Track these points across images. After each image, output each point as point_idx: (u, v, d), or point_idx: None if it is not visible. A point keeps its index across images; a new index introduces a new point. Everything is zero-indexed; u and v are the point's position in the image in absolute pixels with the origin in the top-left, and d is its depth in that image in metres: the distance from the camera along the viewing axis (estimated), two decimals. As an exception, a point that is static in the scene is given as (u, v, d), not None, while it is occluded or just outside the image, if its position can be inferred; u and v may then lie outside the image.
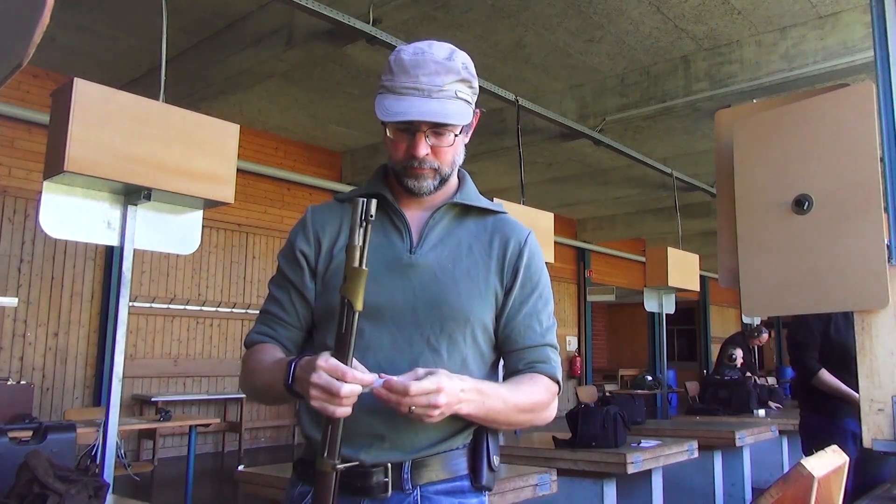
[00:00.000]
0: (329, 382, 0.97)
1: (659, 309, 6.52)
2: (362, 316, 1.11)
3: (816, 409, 3.20)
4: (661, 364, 8.68)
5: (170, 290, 7.64)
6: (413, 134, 1.15)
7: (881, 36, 1.95)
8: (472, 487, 1.18)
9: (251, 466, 2.91)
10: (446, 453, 1.16)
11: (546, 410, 1.21)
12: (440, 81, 1.13)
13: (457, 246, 1.21)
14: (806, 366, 3.20)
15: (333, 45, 5.17)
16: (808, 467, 1.20)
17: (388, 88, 1.14)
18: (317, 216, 1.26)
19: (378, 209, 1.22)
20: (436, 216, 1.22)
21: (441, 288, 1.17)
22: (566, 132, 6.87)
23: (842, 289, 1.86)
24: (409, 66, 1.13)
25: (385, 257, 1.18)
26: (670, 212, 8.96)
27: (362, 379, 0.99)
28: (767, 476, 5.16)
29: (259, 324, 1.26)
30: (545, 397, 1.20)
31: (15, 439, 2.00)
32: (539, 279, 1.25)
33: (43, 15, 0.66)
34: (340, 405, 0.98)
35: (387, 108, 1.13)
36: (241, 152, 2.78)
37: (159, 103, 2.52)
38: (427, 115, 1.12)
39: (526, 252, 1.24)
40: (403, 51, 1.16)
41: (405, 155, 1.17)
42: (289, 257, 1.25)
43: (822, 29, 5.27)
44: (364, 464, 1.11)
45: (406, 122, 1.14)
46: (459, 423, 1.15)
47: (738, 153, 2.13)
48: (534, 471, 2.88)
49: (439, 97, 1.13)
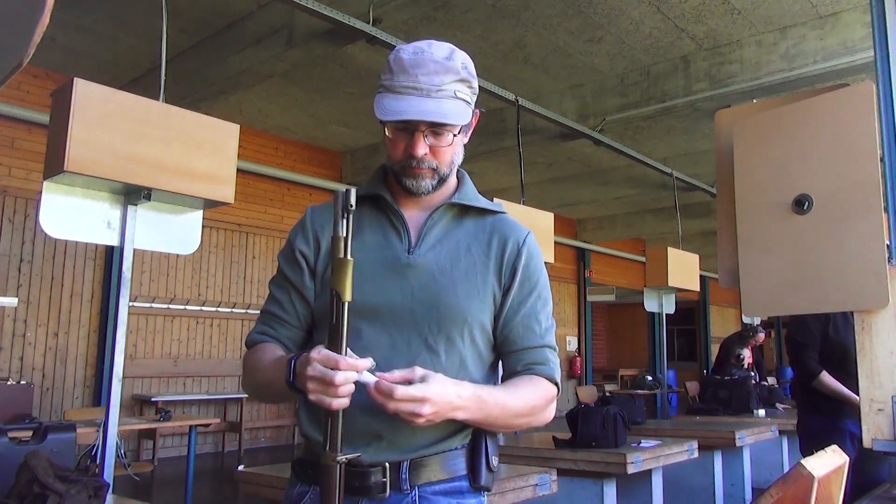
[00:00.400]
0: (323, 372, 0.98)
1: (659, 309, 6.52)
2: (360, 316, 1.13)
3: (816, 409, 3.19)
4: (661, 364, 8.68)
5: (170, 290, 7.64)
6: (412, 133, 1.15)
7: (881, 36, 1.95)
8: (470, 488, 1.18)
9: (251, 466, 2.91)
10: (445, 453, 1.16)
11: (544, 412, 1.22)
12: (439, 81, 1.12)
13: (455, 246, 1.21)
14: (806, 367, 3.19)
15: (333, 45, 5.17)
16: (808, 467, 1.20)
17: (387, 87, 1.14)
18: (316, 216, 1.26)
19: (376, 209, 1.23)
20: (434, 216, 1.22)
21: (439, 288, 1.16)
22: (566, 132, 6.87)
23: (842, 289, 1.86)
24: (408, 65, 1.13)
25: (383, 257, 1.18)
26: (670, 212, 8.96)
27: (355, 364, 0.99)
28: (767, 476, 5.16)
29: (260, 324, 1.26)
30: (543, 400, 1.20)
31: (15, 439, 2.00)
32: (538, 280, 1.25)
33: (43, 15, 0.66)
34: (336, 395, 0.98)
35: (385, 107, 1.13)
36: (241, 152, 2.78)
37: (159, 103, 2.52)
38: (425, 115, 1.12)
39: (524, 252, 1.23)
40: (403, 50, 1.16)
41: (403, 154, 1.17)
42: (288, 257, 1.25)
43: (822, 29, 5.27)
44: (362, 463, 1.10)
45: (404, 122, 1.14)
46: (458, 424, 1.15)
47: (738, 153, 2.13)
48: (534, 471, 2.88)
49: (438, 97, 1.12)
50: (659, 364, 12.28)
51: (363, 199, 1.24)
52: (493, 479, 1.22)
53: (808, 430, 3.24)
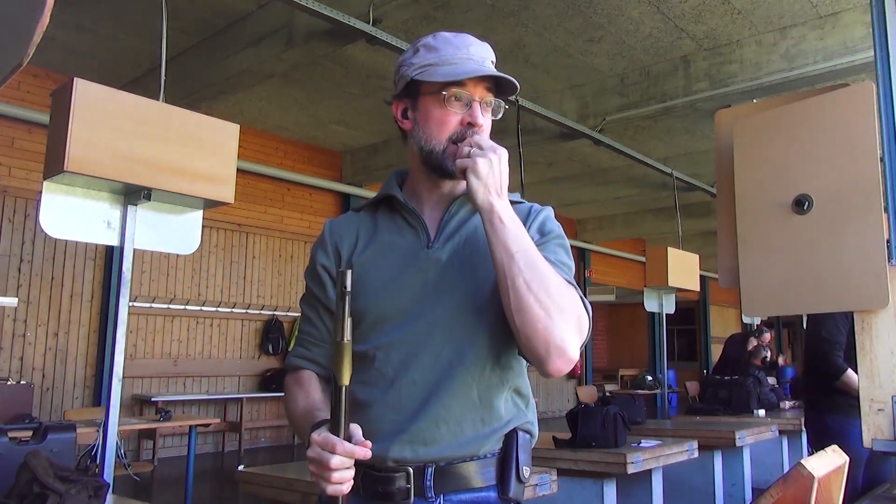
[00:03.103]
0: (320, 454, 0.96)
1: (659, 309, 6.52)
2: (384, 315, 1.13)
3: (832, 406, 3.15)
4: (661, 364, 8.68)
5: (170, 290, 7.64)
6: (468, 104, 1.13)
7: (881, 36, 1.95)
8: (498, 499, 1.12)
9: (251, 466, 2.91)
10: (472, 462, 1.11)
11: (567, 321, 1.02)
12: (488, 55, 1.13)
13: (473, 232, 1.18)
14: (834, 364, 3.12)
15: (333, 45, 5.18)
16: (808, 467, 1.20)
17: (435, 63, 1.13)
18: (334, 228, 1.26)
19: (392, 211, 1.22)
20: (452, 209, 1.20)
21: (457, 275, 1.13)
22: (566, 132, 6.87)
23: (842, 289, 1.86)
24: (452, 39, 1.13)
25: (402, 256, 1.17)
26: (670, 212, 8.96)
27: (352, 451, 0.96)
28: (767, 476, 5.15)
29: (297, 346, 1.26)
30: (573, 304, 1.05)
31: (15, 439, 2.00)
32: (556, 233, 1.19)
33: (43, 15, 0.66)
34: (330, 481, 0.95)
35: (447, 73, 1.11)
36: (241, 152, 2.78)
37: (159, 103, 2.52)
38: (498, 73, 1.12)
39: (538, 220, 1.19)
40: (433, 35, 1.16)
41: (459, 127, 1.14)
42: (312, 274, 1.25)
43: (822, 29, 5.27)
44: (386, 466, 1.09)
45: (483, 79, 1.12)
46: (488, 425, 1.12)
47: (738, 153, 2.13)
48: (534, 471, 2.88)
49: (492, 69, 1.12)
50: (659, 364, 12.28)
51: (378, 203, 1.24)
52: (522, 491, 1.14)
53: (824, 428, 3.17)
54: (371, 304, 1.13)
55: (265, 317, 8.42)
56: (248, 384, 8.25)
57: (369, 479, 1.10)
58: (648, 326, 15.31)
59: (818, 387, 3.24)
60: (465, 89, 1.13)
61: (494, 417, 1.13)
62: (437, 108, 1.14)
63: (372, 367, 1.13)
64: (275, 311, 8.48)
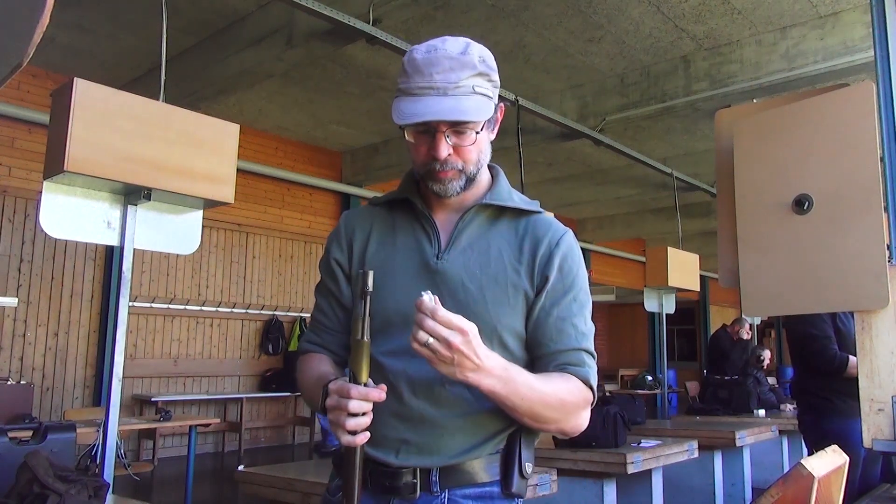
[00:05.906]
0: (337, 401, 1.01)
1: (659, 309, 6.52)
2: (391, 321, 1.14)
3: (830, 410, 3.10)
4: (661, 364, 8.68)
5: (170, 290, 7.64)
6: (433, 135, 1.11)
7: (881, 36, 1.95)
8: (502, 494, 1.15)
9: (251, 466, 2.91)
10: (477, 459, 1.14)
11: (576, 414, 1.13)
12: (455, 78, 1.08)
13: (486, 250, 1.17)
14: (834, 357, 3.07)
15: (333, 45, 5.17)
16: (808, 467, 1.20)
17: (404, 91, 1.10)
18: (349, 222, 1.27)
19: (408, 213, 1.23)
20: (465, 218, 1.19)
21: (467, 295, 1.13)
22: (566, 132, 6.87)
23: (842, 289, 1.86)
24: (422, 65, 1.09)
25: (413, 262, 1.17)
26: (670, 212, 8.96)
27: (367, 393, 1.00)
28: (767, 476, 5.15)
29: (308, 331, 1.30)
30: (577, 399, 1.12)
31: (15, 439, 2.00)
32: (573, 281, 1.18)
33: (43, 15, 0.66)
34: (346, 427, 1.00)
35: (402, 111, 1.09)
36: (241, 152, 2.78)
37: (159, 103, 2.52)
38: (443, 114, 1.07)
39: (557, 254, 1.17)
40: (416, 50, 1.12)
41: (426, 157, 1.13)
42: (326, 267, 1.27)
43: (822, 29, 5.27)
44: (392, 465, 1.12)
45: (423, 124, 1.09)
46: (490, 430, 1.14)
47: (738, 153, 2.13)
48: (534, 470, 2.87)
49: (455, 94, 1.08)
50: (659, 364, 12.29)
51: (396, 202, 1.24)
52: (525, 486, 1.18)
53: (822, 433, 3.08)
54: (380, 308, 1.14)
55: (265, 317, 8.42)
56: (248, 384, 8.25)
57: (377, 475, 1.13)
58: (648, 326, 15.32)
59: (813, 389, 3.20)
60: (424, 123, 1.10)
61: (499, 423, 1.15)
62: (408, 137, 1.15)
63: (379, 372, 1.14)
64: (275, 311, 8.48)
